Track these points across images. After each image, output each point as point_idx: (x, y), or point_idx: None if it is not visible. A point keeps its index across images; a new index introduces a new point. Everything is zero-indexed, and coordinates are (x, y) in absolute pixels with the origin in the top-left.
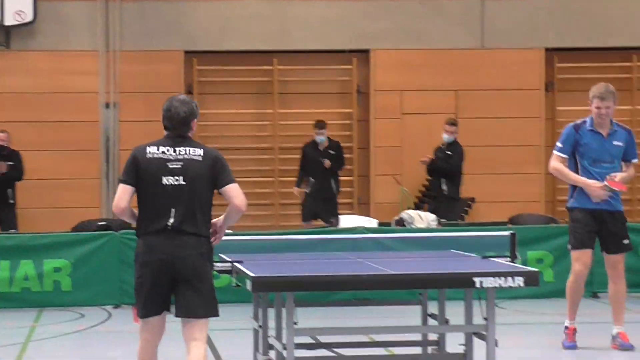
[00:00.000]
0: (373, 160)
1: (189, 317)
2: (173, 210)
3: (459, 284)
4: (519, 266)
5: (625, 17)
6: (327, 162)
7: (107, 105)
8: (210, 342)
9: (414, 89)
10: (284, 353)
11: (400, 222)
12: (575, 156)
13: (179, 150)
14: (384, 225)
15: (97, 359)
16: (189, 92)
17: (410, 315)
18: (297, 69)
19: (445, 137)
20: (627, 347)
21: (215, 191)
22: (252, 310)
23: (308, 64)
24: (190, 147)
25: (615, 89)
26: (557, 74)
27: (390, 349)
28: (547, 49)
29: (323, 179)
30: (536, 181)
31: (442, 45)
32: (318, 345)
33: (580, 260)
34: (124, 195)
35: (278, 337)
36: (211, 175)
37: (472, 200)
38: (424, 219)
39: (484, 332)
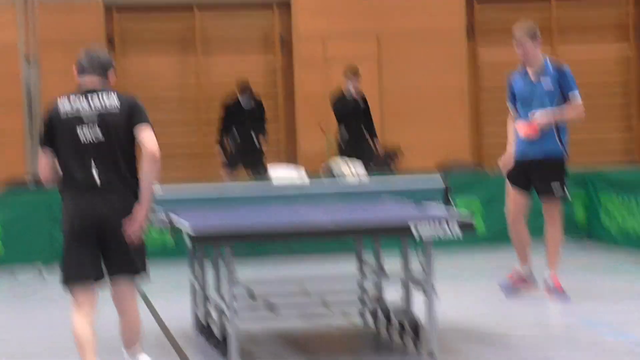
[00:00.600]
0: (298, 108)
1: (116, 276)
2: (95, 166)
3: (396, 232)
4: (455, 212)
5: None
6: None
7: (28, 60)
8: (147, 301)
9: (337, 36)
10: (225, 309)
11: (328, 171)
12: None
13: (94, 103)
14: (312, 177)
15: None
16: (110, 43)
17: (343, 266)
18: (219, 18)
19: (352, 88)
20: (555, 292)
21: None
22: (189, 266)
23: (229, 12)
24: (106, 97)
25: (532, 25)
26: (477, 17)
27: (328, 299)
28: None
29: (246, 135)
30: (461, 128)
31: None
32: (253, 297)
33: (508, 196)
34: (46, 165)
35: (217, 290)
36: (128, 122)
37: (399, 149)
38: (353, 169)
39: (423, 282)
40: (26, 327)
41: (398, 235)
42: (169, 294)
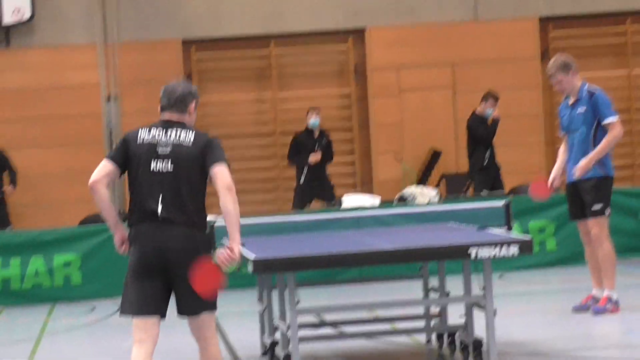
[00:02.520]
0: (373, 138)
1: (192, 315)
2: (162, 197)
3: (454, 256)
4: (513, 235)
5: None
6: (314, 158)
7: (109, 98)
8: (219, 328)
9: (411, 65)
10: (289, 333)
11: (402, 200)
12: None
13: (170, 134)
14: (385, 203)
15: (112, 349)
16: (188, 78)
17: (412, 290)
18: (294, 51)
19: (490, 111)
20: (598, 311)
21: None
22: (257, 293)
23: (304, 45)
24: (182, 130)
25: (564, 57)
26: (551, 43)
27: (394, 324)
28: (540, 18)
29: (316, 167)
30: (537, 150)
31: (436, 19)
32: (322, 324)
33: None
34: (100, 170)
35: (282, 318)
36: (201, 159)
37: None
38: (426, 195)
39: (482, 303)
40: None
41: (457, 259)
42: (240, 320)
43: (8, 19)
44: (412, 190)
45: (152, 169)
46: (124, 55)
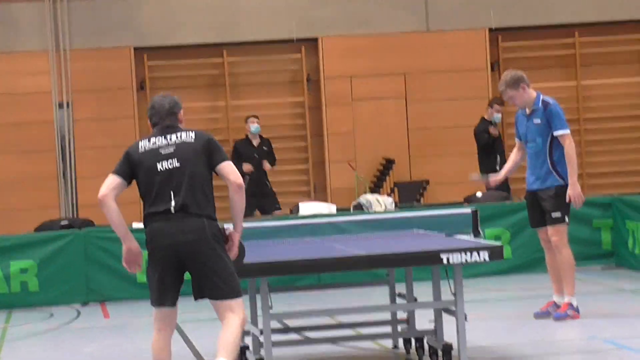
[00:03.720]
0: (327, 147)
1: (213, 299)
2: (172, 193)
3: (427, 261)
4: (482, 241)
5: None
6: (266, 166)
7: (61, 105)
8: (183, 334)
9: (363, 75)
10: (261, 338)
11: (359, 207)
12: None
13: (170, 137)
14: (342, 211)
15: (73, 354)
16: (141, 87)
17: (376, 296)
18: (247, 60)
19: (497, 116)
20: (559, 317)
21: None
22: None
23: (258, 54)
24: (181, 132)
25: (513, 73)
26: (501, 54)
27: (359, 329)
28: (490, 29)
29: (256, 176)
30: None
31: (388, 30)
32: (288, 329)
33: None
34: (108, 184)
35: (253, 322)
36: (205, 154)
37: (427, 182)
38: (382, 202)
39: (453, 308)
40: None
41: (430, 264)
42: (205, 326)
43: None
44: (368, 197)
45: (159, 169)
46: (77, 63)
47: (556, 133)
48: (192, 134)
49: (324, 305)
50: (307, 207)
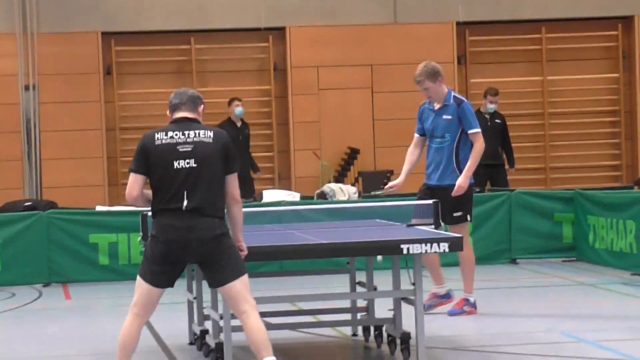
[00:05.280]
0: (292, 135)
1: (222, 285)
2: (186, 192)
3: (388, 251)
4: (443, 233)
5: None
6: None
7: (27, 88)
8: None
9: (330, 65)
10: (221, 322)
11: (322, 196)
12: None
13: (188, 134)
14: (306, 199)
15: (35, 335)
16: (108, 72)
17: (337, 284)
18: (215, 47)
19: (491, 107)
20: (454, 313)
21: None
22: (186, 283)
23: (225, 42)
24: (199, 129)
25: (432, 65)
26: (469, 47)
27: (319, 316)
28: (457, 23)
29: (242, 155)
30: None
31: (356, 21)
32: None
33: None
34: (134, 185)
35: (213, 307)
36: (222, 157)
37: (391, 172)
38: (345, 191)
39: (412, 297)
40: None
41: (390, 254)
42: (166, 311)
43: None
44: (332, 186)
45: (175, 167)
46: (44, 46)
47: (471, 131)
48: (211, 134)
49: (285, 292)
50: (271, 195)
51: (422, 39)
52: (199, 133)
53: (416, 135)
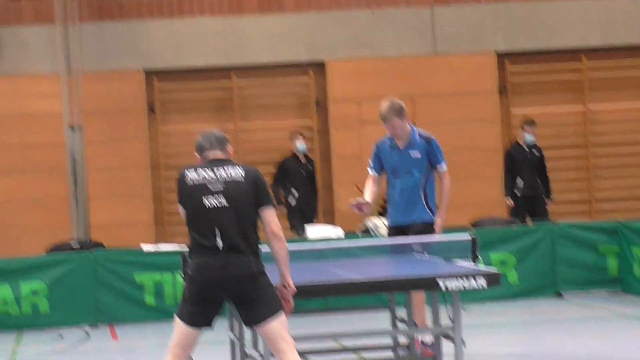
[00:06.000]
0: (334, 170)
1: (258, 324)
2: (218, 231)
3: (424, 287)
4: (481, 268)
5: (571, 19)
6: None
7: (72, 127)
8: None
9: (371, 98)
10: None
11: (366, 231)
12: None
13: (219, 172)
14: (349, 234)
15: None
16: (151, 110)
17: (379, 320)
18: (256, 82)
19: (529, 138)
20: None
21: None
22: (228, 322)
23: (266, 77)
24: (230, 167)
25: (398, 101)
26: (509, 77)
27: (361, 353)
28: (498, 53)
29: (305, 190)
30: (495, 184)
31: (395, 53)
32: None
33: None
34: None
35: (255, 346)
36: (253, 194)
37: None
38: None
39: (451, 333)
40: None
41: (427, 290)
42: (209, 350)
43: None
44: (375, 221)
45: (206, 206)
46: (87, 85)
47: (442, 168)
48: (242, 172)
49: (328, 329)
50: (315, 230)
51: (462, 69)
52: (230, 172)
53: (373, 173)
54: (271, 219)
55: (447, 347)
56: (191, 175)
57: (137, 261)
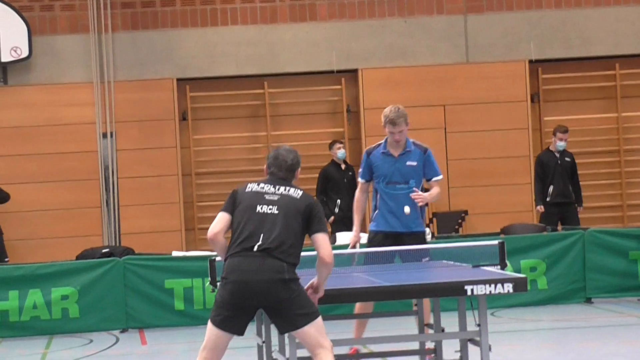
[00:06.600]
0: None
1: (294, 330)
2: (262, 235)
3: (451, 292)
4: (507, 273)
5: (605, 26)
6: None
7: (105, 135)
8: None
9: (403, 106)
10: None
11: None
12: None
13: (278, 187)
14: None
15: None
16: (184, 118)
17: (406, 325)
18: (288, 91)
19: (561, 145)
20: None
21: None
22: (255, 327)
23: (298, 86)
24: (290, 186)
25: (404, 110)
26: (541, 85)
27: (389, 359)
28: (530, 61)
29: (348, 197)
30: (526, 191)
31: (428, 62)
32: None
33: None
34: (218, 222)
35: (281, 351)
36: (304, 217)
37: (465, 212)
38: None
39: (478, 338)
40: None
41: (454, 295)
42: (237, 355)
43: (6, 57)
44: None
45: (257, 210)
46: (120, 94)
47: (436, 178)
48: (300, 193)
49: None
50: (345, 237)
51: (494, 78)
52: (288, 189)
53: (362, 181)
54: (323, 244)
55: (472, 352)
56: (252, 185)
57: (167, 267)
